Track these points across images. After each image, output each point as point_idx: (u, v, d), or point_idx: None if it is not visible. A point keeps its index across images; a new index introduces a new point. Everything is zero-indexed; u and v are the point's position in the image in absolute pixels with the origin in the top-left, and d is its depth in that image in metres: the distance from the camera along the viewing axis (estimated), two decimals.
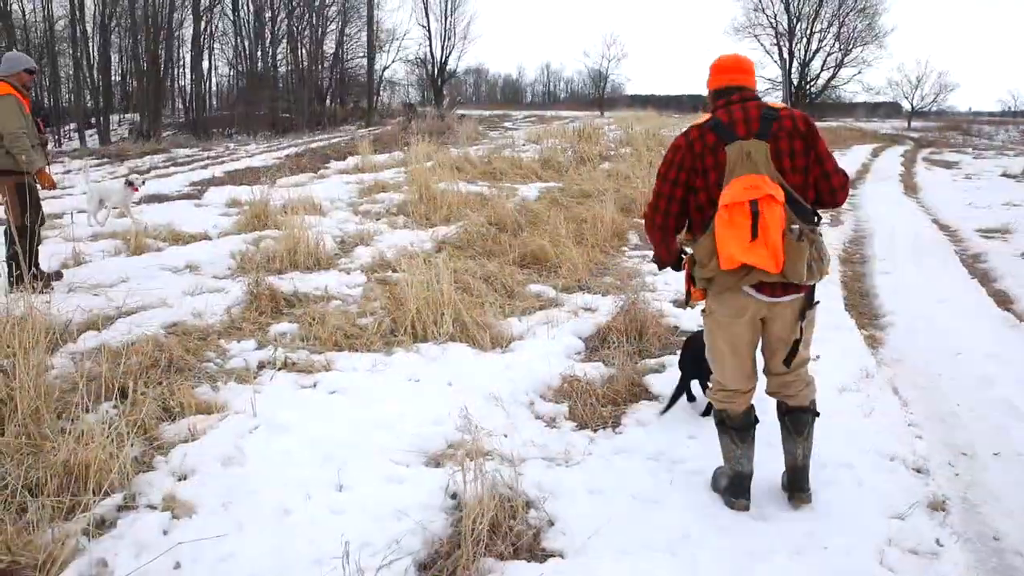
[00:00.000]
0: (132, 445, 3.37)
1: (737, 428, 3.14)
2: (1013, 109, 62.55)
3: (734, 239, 2.78)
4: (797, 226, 2.80)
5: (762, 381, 3.20)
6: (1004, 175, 17.03)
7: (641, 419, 4.09)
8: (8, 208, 6.12)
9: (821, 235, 2.94)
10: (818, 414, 3.18)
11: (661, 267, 3.35)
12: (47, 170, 6.35)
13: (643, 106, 46.42)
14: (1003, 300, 6.62)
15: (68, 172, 16.10)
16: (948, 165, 21.11)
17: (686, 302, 3.22)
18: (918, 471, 3.55)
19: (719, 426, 3.21)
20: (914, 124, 48.45)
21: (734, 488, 3.18)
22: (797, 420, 3.13)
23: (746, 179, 2.80)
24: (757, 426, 3.20)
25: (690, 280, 3.09)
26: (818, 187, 2.94)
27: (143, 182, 8.73)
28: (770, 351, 3.11)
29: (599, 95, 61.26)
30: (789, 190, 2.82)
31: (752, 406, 3.19)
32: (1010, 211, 11.28)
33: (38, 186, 6.29)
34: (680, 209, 3.04)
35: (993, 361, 4.97)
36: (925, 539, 2.97)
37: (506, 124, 36.73)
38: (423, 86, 53.07)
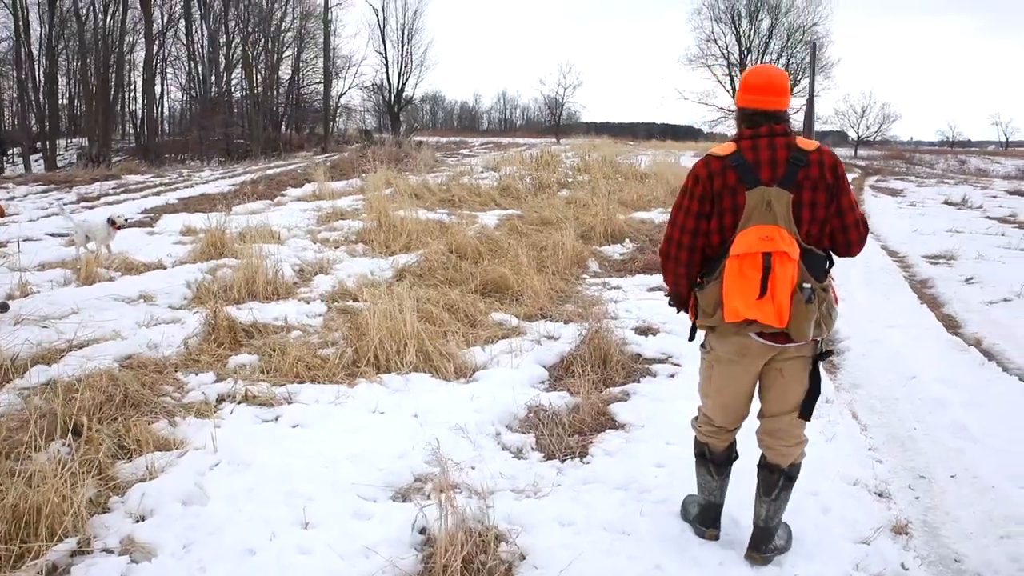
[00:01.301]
0: (86, 486, 3.24)
1: (717, 463, 3.10)
2: (951, 139, 65.43)
3: (741, 293, 2.64)
4: (809, 285, 2.64)
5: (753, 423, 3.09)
6: (946, 203, 17.73)
7: (608, 448, 4.09)
8: None
9: (833, 282, 2.79)
10: (793, 479, 2.98)
11: (677, 306, 3.09)
12: None
13: (599, 133, 47.32)
14: (951, 324, 6.83)
15: (12, 199, 15.63)
16: (894, 193, 21.86)
17: (691, 336, 3.08)
18: (880, 495, 3.63)
19: (698, 457, 3.16)
20: (860, 153, 50.26)
21: (704, 517, 3.17)
22: (767, 478, 2.97)
23: (762, 229, 2.64)
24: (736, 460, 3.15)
25: (695, 312, 2.93)
26: (834, 238, 2.78)
27: (125, 220, 8.94)
28: (766, 393, 2.95)
29: (555, 122, 62.01)
30: (803, 245, 2.67)
31: (735, 441, 3.13)
32: (953, 237, 11.69)
33: None
34: (703, 242, 2.83)
35: (945, 385, 5.11)
36: (890, 563, 3.03)
37: (463, 151, 36.92)
38: (380, 112, 53.10)
